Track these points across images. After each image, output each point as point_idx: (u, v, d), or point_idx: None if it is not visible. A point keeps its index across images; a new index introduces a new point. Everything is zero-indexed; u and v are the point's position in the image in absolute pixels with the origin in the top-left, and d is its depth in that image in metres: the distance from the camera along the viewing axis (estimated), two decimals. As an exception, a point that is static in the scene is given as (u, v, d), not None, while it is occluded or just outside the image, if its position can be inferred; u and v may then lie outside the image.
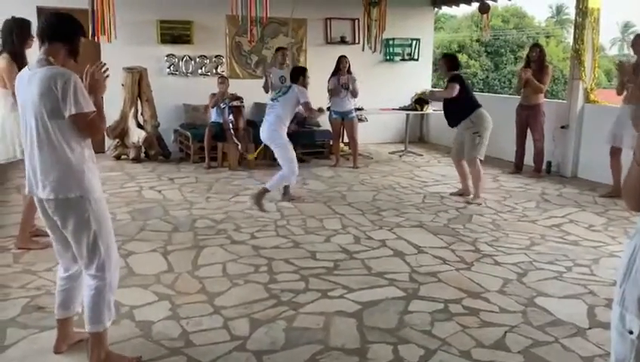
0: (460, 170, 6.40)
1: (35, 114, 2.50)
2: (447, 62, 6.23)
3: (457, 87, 5.96)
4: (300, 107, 5.98)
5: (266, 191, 5.73)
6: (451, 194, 6.48)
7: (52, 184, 2.53)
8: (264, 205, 5.67)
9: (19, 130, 4.15)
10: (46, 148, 2.52)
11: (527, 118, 7.49)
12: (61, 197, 2.54)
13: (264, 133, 5.94)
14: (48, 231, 2.78)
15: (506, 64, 27.27)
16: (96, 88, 2.64)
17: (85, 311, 2.69)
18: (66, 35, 2.63)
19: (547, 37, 30.34)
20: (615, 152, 6.39)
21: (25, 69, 2.66)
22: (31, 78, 2.52)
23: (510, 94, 19.11)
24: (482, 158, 6.08)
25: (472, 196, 6.17)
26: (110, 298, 2.70)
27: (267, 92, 7.78)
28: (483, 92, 23.46)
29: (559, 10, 36.44)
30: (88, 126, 2.55)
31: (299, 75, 6.12)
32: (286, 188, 6.10)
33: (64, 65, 2.59)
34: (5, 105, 4.23)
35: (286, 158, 5.84)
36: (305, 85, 6.07)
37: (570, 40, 8.14)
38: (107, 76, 2.71)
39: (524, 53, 24.45)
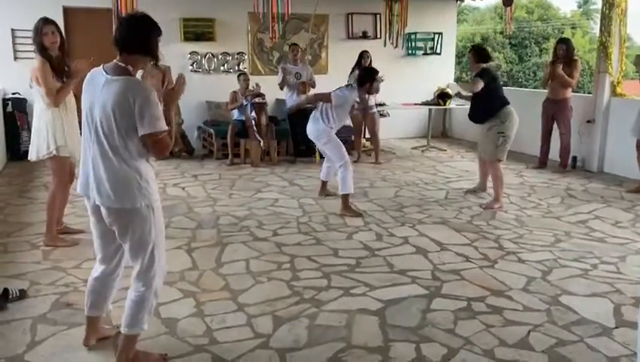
0: (483, 167, 6.24)
1: (105, 121, 2.45)
2: (475, 55, 5.81)
3: (481, 83, 5.56)
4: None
5: (346, 197, 5.44)
6: (467, 191, 6.34)
7: (117, 192, 2.49)
8: (353, 208, 5.49)
9: (54, 127, 4.23)
10: (113, 157, 2.48)
11: (554, 112, 7.39)
12: (127, 207, 2.51)
13: (309, 131, 5.65)
14: (95, 236, 2.74)
15: (530, 56, 26.87)
16: (172, 99, 2.63)
17: (126, 314, 2.69)
18: (147, 47, 2.54)
19: (573, 28, 29.78)
20: (641, 145, 6.28)
21: (99, 70, 2.55)
22: (108, 85, 2.46)
23: (535, 87, 18.87)
24: (504, 160, 5.77)
25: (490, 201, 5.79)
26: (153, 303, 2.72)
27: (282, 89, 7.82)
28: (507, 85, 23.21)
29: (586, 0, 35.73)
30: (158, 144, 2.50)
31: (366, 80, 5.49)
32: (324, 183, 6.07)
33: (141, 69, 2.58)
34: (41, 103, 4.29)
35: (336, 154, 5.50)
36: (371, 92, 5.70)
37: (597, 31, 7.99)
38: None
39: (549, 45, 24.09)
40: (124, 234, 2.58)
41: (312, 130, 5.65)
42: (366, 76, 5.57)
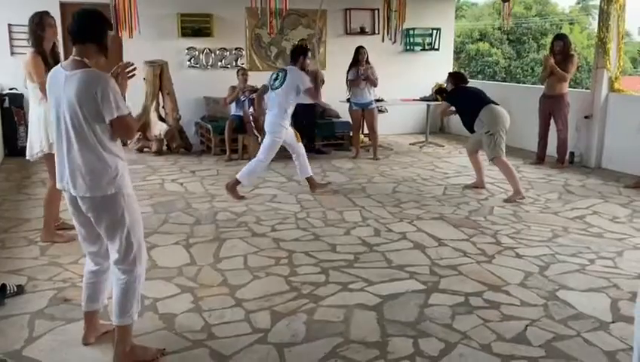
0: (475, 163, 6.35)
1: (72, 115, 2.55)
2: (453, 80, 6.33)
3: (445, 104, 6.25)
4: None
5: (238, 182, 5.76)
6: (465, 186, 6.41)
7: (88, 182, 2.58)
8: (238, 193, 5.80)
9: (46, 123, 4.21)
10: (81, 148, 2.57)
11: (552, 108, 7.38)
12: (98, 195, 2.59)
13: (268, 124, 5.79)
14: (77, 226, 2.82)
15: (528, 52, 26.82)
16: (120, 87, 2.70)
17: (114, 305, 2.73)
18: (97, 35, 2.65)
19: (571, 24, 29.74)
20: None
21: (58, 68, 2.67)
22: (68, 79, 2.55)
23: (533, 83, 18.85)
24: (502, 156, 5.80)
25: (511, 194, 5.82)
26: (140, 291, 2.77)
27: None
28: (505, 81, 23.21)
29: (585, -5, 35.66)
30: (125, 127, 2.63)
31: (299, 54, 5.78)
32: (310, 179, 6.08)
33: (97, 62, 2.67)
34: (35, 99, 4.27)
35: (267, 150, 5.76)
36: (304, 67, 5.78)
37: (595, 26, 7.98)
38: (133, 75, 2.79)
39: (547, 40, 24.06)
40: (100, 221, 2.66)
41: (270, 125, 5.74)
42: (297, 50, 5.90)
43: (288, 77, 5.65)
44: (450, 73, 6.69)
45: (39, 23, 4.19)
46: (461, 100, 6.12)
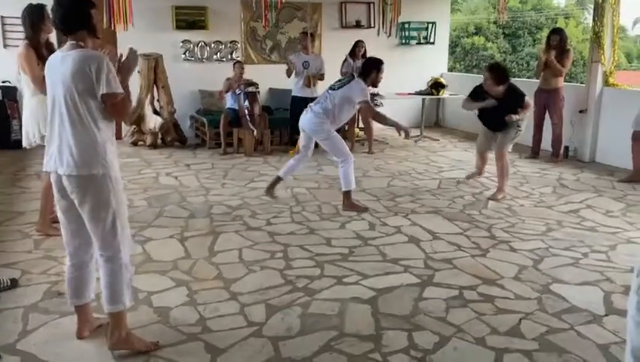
0: (483, 159, 6.21)
1: (66, 92, 2.58)
2: (497, 77, 5.43)
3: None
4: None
5: (348, 193, 5.18)
6: (467, 176, 6.40)
7: (76, 160, 2.58)
8: (358, 204, 5.28)
9: (38, 115, 4.20)
10: (74, 125, 2.59)
11: (547, 102, 7.40)
12: (84, 174, 2.58)
13: (305, 123, 5.13)
14: (60, 214, 2.78)
15: (523, 46, 26.83)
16: (127, 69, 2.75)
17: (104, 293, 2.74)
18: (83, 21, 2.67)
19: (566, 18, 29.75)
20: (638, 137, 6.30)
21: (57, 52, 2.72)
22: (64, 59, 2.60)
23: (528, 77, 18.87)
24: (510, 150, 5.81)
25: (495, 191, 5.73)
26: (128, 277, 2.77)
27: (289, 77, 7.74)
28: (500, 75, 23.17)
29: (580, -10, 35.63)
30: (117, 106, 2.64)
31: (372, 68, 5.12)
32: (277, 180, 5.44)
33: (92, 45, 2.71)
34: (29, 90, 4.25)
35: (336, 150, 5.14)
36: (376, 82, 5.27)
37: (590, 20, 7.98)
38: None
39: (542, 35, 24.07)
40: (84, 203, 2.63)
41: (310, 124, 5.09)
42: (371, 65, 5.16)
43: (353, 83, 5.07)
44: (496, 69, 5.59)
45: (41, 13, 4.17)
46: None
